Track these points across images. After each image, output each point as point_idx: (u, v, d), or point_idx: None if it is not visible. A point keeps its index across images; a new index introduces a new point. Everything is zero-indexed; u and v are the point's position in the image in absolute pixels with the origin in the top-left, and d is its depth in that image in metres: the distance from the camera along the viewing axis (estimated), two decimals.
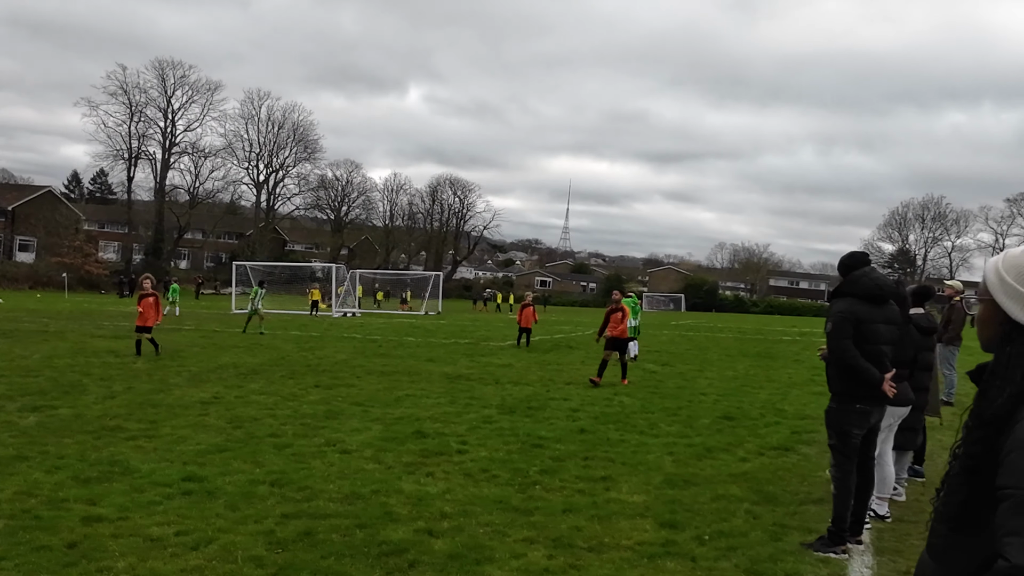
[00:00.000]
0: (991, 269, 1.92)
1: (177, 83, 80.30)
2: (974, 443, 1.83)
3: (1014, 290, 1.84)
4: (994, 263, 1.93)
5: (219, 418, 9.76)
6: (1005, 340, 1.85)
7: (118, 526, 5.57)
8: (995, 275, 1.90)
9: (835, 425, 5.79)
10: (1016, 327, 1.83)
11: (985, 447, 1.79)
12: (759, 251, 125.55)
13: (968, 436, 1.87)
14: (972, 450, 1.83)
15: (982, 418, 1.82)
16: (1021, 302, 1.82)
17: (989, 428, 1.79)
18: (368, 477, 7.16)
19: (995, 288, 1.88)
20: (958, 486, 1.86)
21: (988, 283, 1.90)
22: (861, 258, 5.87)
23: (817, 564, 5.44)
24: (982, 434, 1.81)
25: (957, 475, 1.86)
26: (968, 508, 1.82)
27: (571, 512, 6.34)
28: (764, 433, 10.16)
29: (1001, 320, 1.87)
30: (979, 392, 1.89)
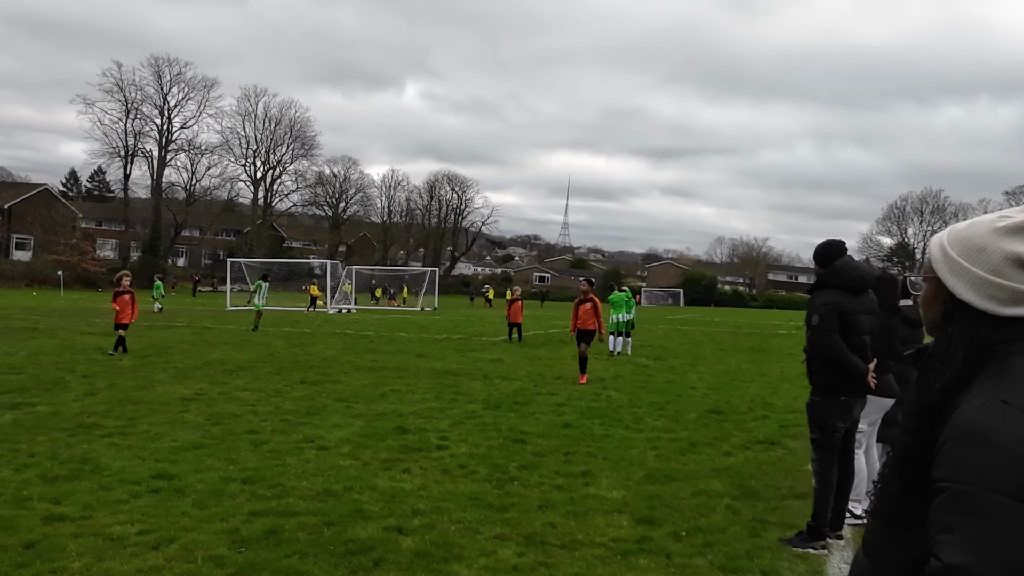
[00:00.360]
0: (935, 245, 1.77)
1: (173, 80, 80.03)
2: (909, 431, 1.69)
3: (958, 266, 1.68)
4: (938, 239, 1.78)
5: (198, 415, 9.63)
6: (947, 320, 1.71)
7: (80, 525, 5.44)
8: (939, 251, 1.75)
9: (818, 419, 5.66)
10: (959, 305, 1.68)
11: (920, 435, 1.65)
12: (758, 245, 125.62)
13: (904, 424, 1.73)
14: (907, 439, 1.69)
15: (919, 404, 1.68)
16: (965, 278, 1.67)
17: (926, 415, 1.65)
18: (343, 474, 7.03)
19: (939, 264, 1.73)
20: (892, 478, 1.72)
21: (932, 260, 1.75)
22: (839, 247, 5.73)
23: (795, 560, 5.31)
24: (918, 421, 1.67)
25: (892, 466, 1.72)
26: (903, 502, 1.68)
27: (547, 508, 6.22)
28: (751, 427, 10.03)
29: (944, 299, 1.73)
30: (918, 377, 1.75)
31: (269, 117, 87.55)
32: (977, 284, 1.65)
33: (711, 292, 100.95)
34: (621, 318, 20.01)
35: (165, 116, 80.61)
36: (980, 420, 1.52)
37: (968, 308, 1.65)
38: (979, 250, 1.66)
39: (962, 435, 1.53)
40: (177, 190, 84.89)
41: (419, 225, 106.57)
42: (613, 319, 20.08)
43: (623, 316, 19.95)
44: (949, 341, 1.67)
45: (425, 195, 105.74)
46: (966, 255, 1.67)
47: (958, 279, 1.68)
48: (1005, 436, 1.49)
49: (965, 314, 1.65)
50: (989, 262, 1.65)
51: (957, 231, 1.74)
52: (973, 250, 1.66)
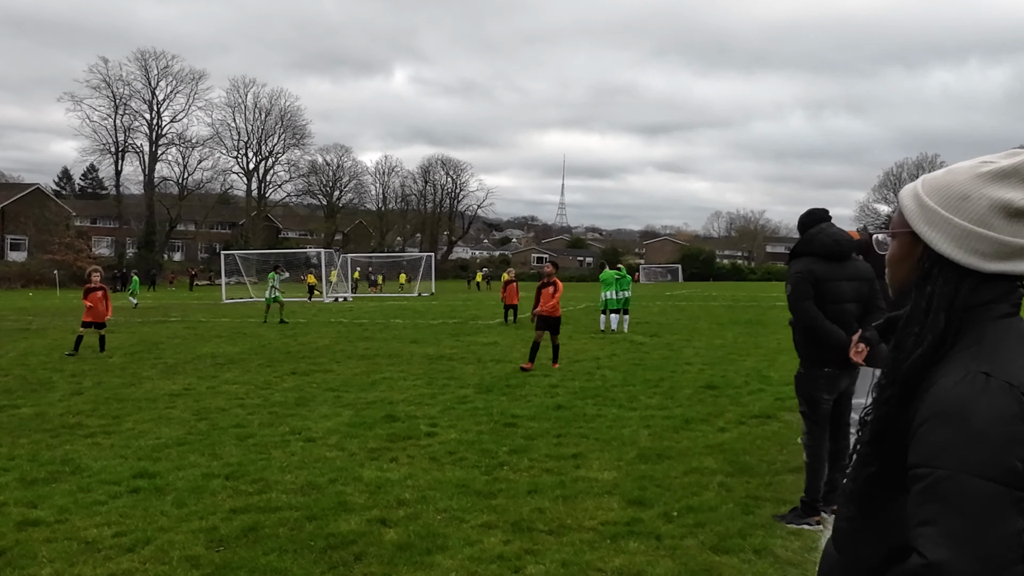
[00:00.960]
0: (908, 196, 1.58)
1: (160, 74, 79.53)
2: (883, 404, 1.51)
3: (937, 216, 1.49)
4: (911, 188, 1.59)
5: (185, 410, 9.49)
6: (924, 279, 1.52)
7: (54, 529, 5.30)
8: (913, 201, 1.55)
9: (804, 392, 5.52)
10: (937, 262, 1.49)
11: (895, 410, 1.48)
12: (755, 218, 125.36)
13: (878, 397, 1.55)
14: (881, 413, 1.51)
15: (895, 375, 1.51)
16: (945, 230, 1.47)
17: (903, 387, 1.48)
18: (328, 466, 6.89)
19: (914, 216, 1.54)
20: (866, 458, 1.54)
21: (905, 212, 1.56)
22: (820, 215, 5.55)
23: (788, 537, 5.17)
24: (893, 394, 1.50)
25: (866, 445, 1.54)
26: (877, 485, 1.51)
27: (536, 493, 6.08)
28: (747, 402, 9.90)
29: (920, 255, 1.54)
30: (893, 345, 1.57)
31: (259, 108, 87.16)
32: (959, 236, 1.47)
33: (710, 267, 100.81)
34: (611, 295, 19.78)
35: (154, 110, 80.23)
36: (959, 397, 1.36)
37: (948, 264, 1.47)
38: (961, 198, 1.48)
39: (939, 415, 1.36)
40: (170, 185, 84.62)
41: (415, 211, 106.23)
42: (603, 297, 19.94)
43: (612, 294, 19.73)
44: (928, 302, 1.49)
45: (420, 180, 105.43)
46: (946, 204, 1.48)
47: (937, 231, 1.49)
48: (987, 413, 1.32)
49: (945, 271, 1.48)
50: (973, 211, 1.46)
51: (934, 179, 1.55)
52: (954, 199, 1.48)
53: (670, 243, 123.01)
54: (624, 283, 19.99)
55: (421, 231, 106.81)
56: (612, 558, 4.78)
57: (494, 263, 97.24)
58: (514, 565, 4.67)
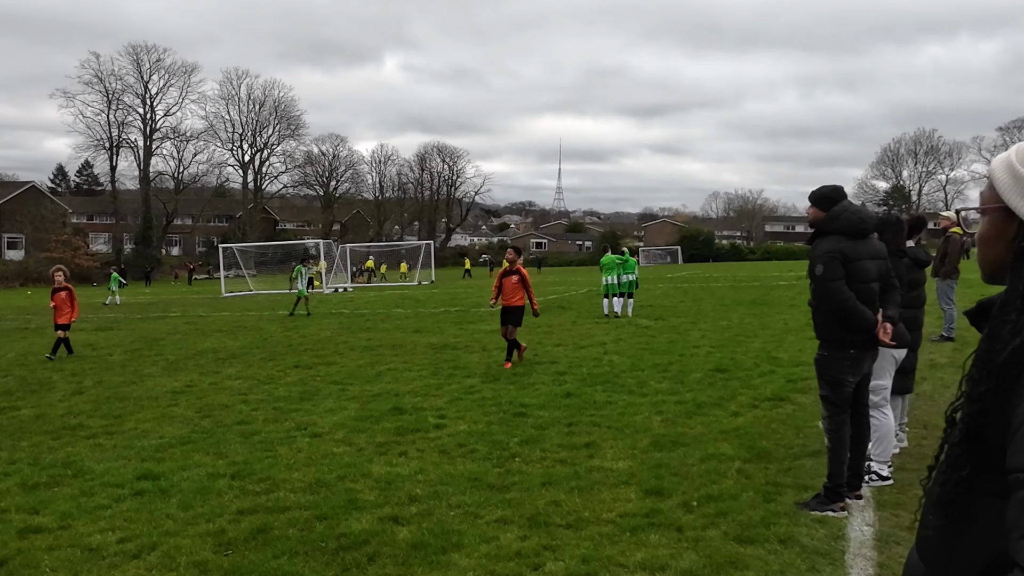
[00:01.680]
0: (1001, 167, 1.40)
1: (153, 68, 79.10)
2: (977, 400, 1.34)
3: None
4: (1005, 158, 1.42)
5: (188, 408, 9.33)
6: (1022, 259, 1.36)
7: (57, 536, 5.15)
8: (1007, 172, 1.38)
9: (826, 374, 5.35)
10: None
11: (991, 406, 1.31)
12: (753, 198, 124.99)
13: (971, 392, 1.37)
14: (974, 409, 1.34)
15: (990, 367, 1.33)
16: None
17: (1000, 380, 1.31)
18: (336, 462, 6.73)
19: (1007, 189, 1.37)
20: (958, 459, 1.37)
21: (998, 184, 1.39)
22: (841, 190, 5.38)
23: (813, 525, 5.02)
24: (988, 388, 1.33)
25: (957, 445, 1.37)
26: (971, 490, 1.34)
27: (550, 485, 5.93)
28: (758, 384, 9.74)
29: (1015, 233, 1.37)
30: (986, 334, 1.40)
31: (253, 99, 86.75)
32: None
33: (709, 247, 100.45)
34: (611, 280, 19.61)
35: (147, 104, 79.85)
36: None
37: None
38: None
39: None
40: (166, 179, 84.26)
41: (412, 199, 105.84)
42: (604, 281, 19.82)
43: (613, 279, 19.56)
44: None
45: (416, 168, 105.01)
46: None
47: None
48: None
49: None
50: None
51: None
52: None
53: (669, 225, 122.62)
54: (628, 266, 19.74)
55: (419, 219, 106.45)
56: (633, 552, 4.63)
57: (493, 249, 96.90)
58: (533, 562, 4.52)
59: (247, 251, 53.90)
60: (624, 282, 19.68)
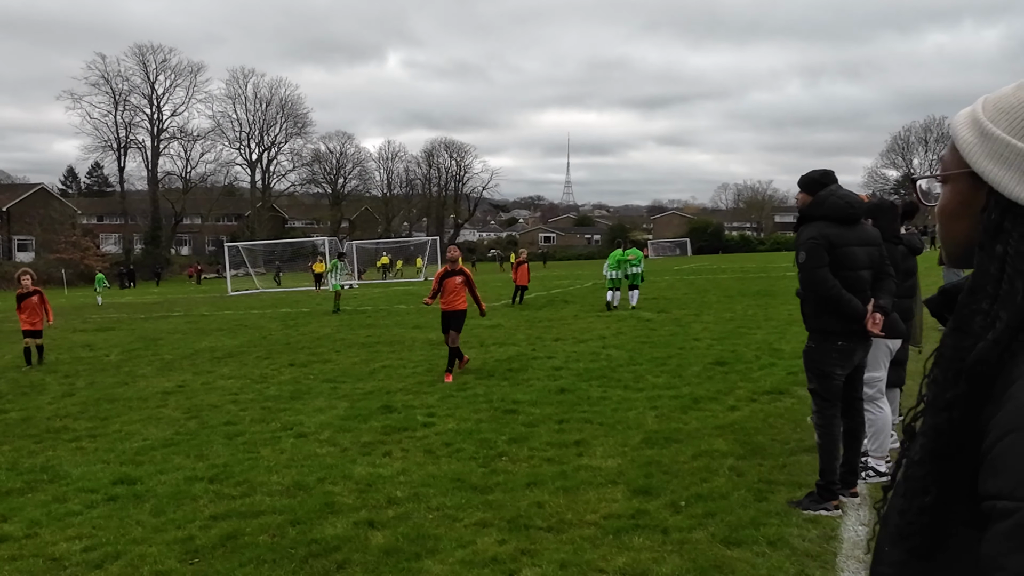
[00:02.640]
0: (964, 123, 1.13)
1: (159, 68, 79.10)
2: (944, 408, 1.07)
3: (1007, 147, 1.05)
4: (968, 113, 1.12)
5: (176, 409, 9.17)
6: (993, 235, 1.06)
7: (22, 545, 4.99)
8: (972, 130, 1.11)
9: (815, 367, 5.14)
10: (1011, 210, 1.05)
11: (961, 417, 1.06)
12: (762, 188, 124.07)
13: (935, 399, 1.10)
14: (940, 420, 1.07)
15: (958, 367, 1.06)
16: (1019, 166, 1.04)
17: (971, 383, 1.06)
18: (318, 463, 6.55)
19: (973, 151, 1.09)
20: (922, 482, 1.08)
21: (961, 145, 1.11)
22: (830, 174, 5.15)
23: (805, 525, 4.80)
24: (958, 395, 1.05)
25: (919, 464, 1.09)
26: (936, 519, 1.09)
27: (535, 486, 5.73)
28: (757, 377, 9.51)
29: (984, 204, 1.12)
30: (951, 327, 1.11)
31: (259, 98, 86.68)
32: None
33: (718, 239, 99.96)
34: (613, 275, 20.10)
35: (154, 105, 79.86)
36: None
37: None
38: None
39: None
40: (174, 179, 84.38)
41: (420, 195, 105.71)
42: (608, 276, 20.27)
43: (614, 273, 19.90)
44: (1000, 266, 1.05)
45: (424, 164, 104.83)
46: (1020, 130, 1.05)
47: (1008, 168, 1.05)
48: None
49: (1022, 223, 1.04)
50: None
51: (1000, 98, 1.10)
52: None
53: (678, 217, 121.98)
54: (635, 261, 20.34)
55: (427, 215, 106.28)
56: (615, 556, 4.43)
57: (502, 244, 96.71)
58: (508, 568, 4.33)
59: (254, 249, 53.84)
60: (632, 275, 20.18)
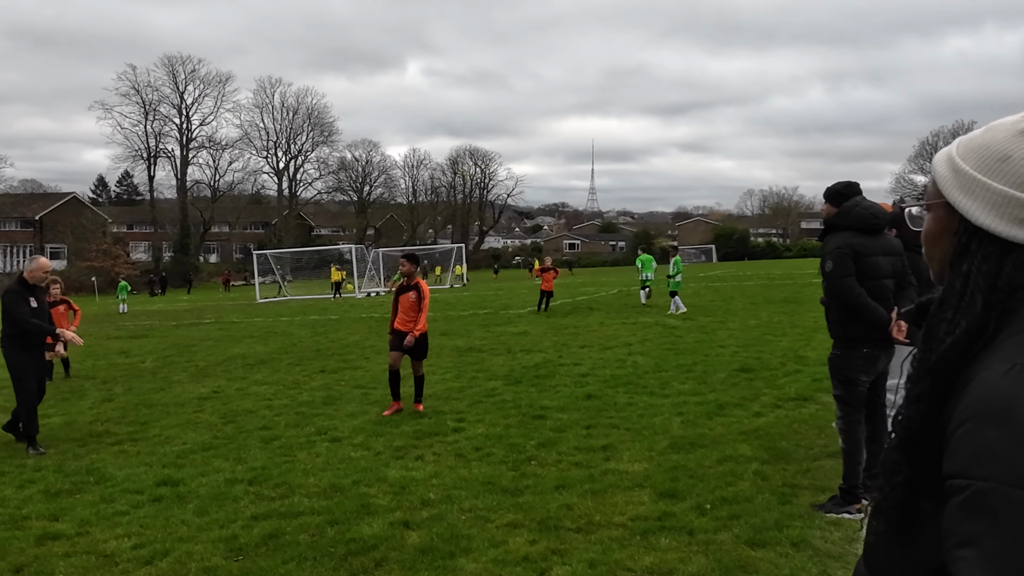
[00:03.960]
0: (941, 160, 1.34)
1: (188, 78, 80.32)
2: (914, 402, 1.28)
3: (973, 182, 1.26)
4: (945, 152, 1.36)
5: (213, 414, 9.43)
6: (961, 255, 1.28)
7: (74, 543, 5.22)
8: (947, 166, 1.32)
9: (840, 373, 5.27)
10: (975, 235, 1.25)
11: (928, 408, 1.26)
12: (788, 195, 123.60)
13: (909, 394, 1.31)
14: (912, 412, 1.28)
15: (925, 366, 1.28)
16: (983, 198, 1.24)
17: (935, 380, 1.25)
18: (353, 466, 6.76)
19: (947, 184, 1.30)
20: (895, 465, 1.31)
21: (939, 179, 1.32)
22: (854, 185, 5.30)
23: (828, 528, 4.93)
24: (925, 388, 1.27)
25: (894, 450, 1.31)
26: (910, 496, 1.29)
27: (564, 488, 5.89)
28: (782, 384, 9.61)
29: (956, 229, 1.31)
30: (923, 334, 1.34)
31: (286, 107, 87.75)
32: (1000, 204, 1.23)
33: (744, 246, 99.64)
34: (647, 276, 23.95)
35: (183, 115, 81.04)
36: (1002, 393, 1.13)
37: (988, 238, 1.24)
38: (1001, 159, 1.24)
39: (981, 415, 1.14)
40: (202, 187, 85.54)
41: (445, 202, 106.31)
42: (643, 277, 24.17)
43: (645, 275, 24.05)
44: (964, 282, 1.26)
45: (449, 172, 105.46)
46: (984, 167, 1.25)
47: (974, 199, 1.25)
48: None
49: (984, 246, 1.24)
50: (1016, 173, 1.22)
51: (970, 139, 1.31)
52: (993, 160, 1.25)
53: (703, 223, 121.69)
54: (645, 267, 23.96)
55: (452, 222, 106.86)
56: (642, 556, 4.59)
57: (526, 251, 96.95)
58: (539, 567, 4.50)
59: (282, 257, 54.49)
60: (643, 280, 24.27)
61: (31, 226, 74.94)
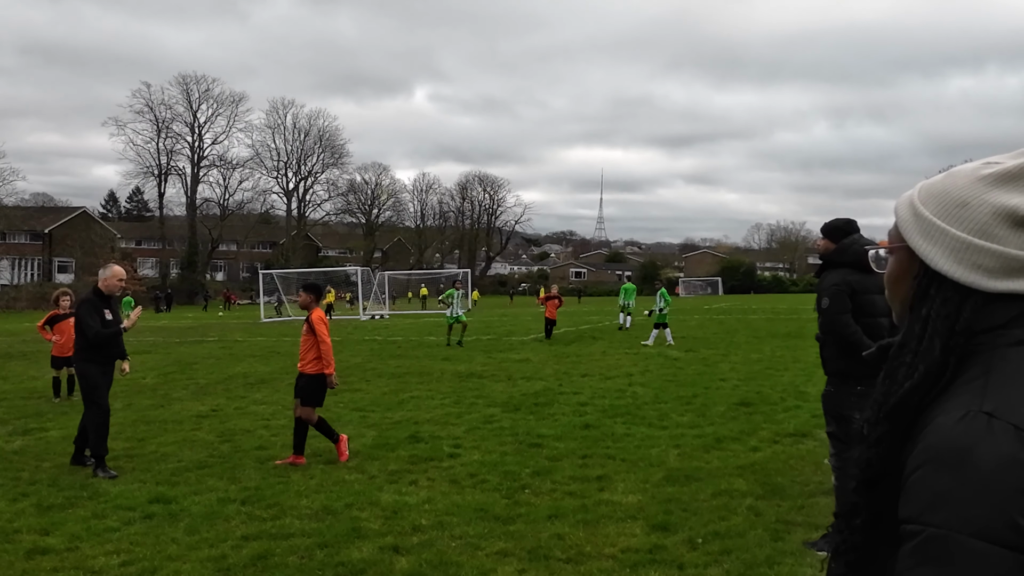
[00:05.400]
0: (903, 205, 1.36)
1: (202, 97, 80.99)
2: (873, 444, 1.29)
3: (932, 227, 1.27)
4: (907, 197, 1.37)
5: (210, 432, 9.43)
6: (920, 299, 1.30)
7: (63, 558, 5.21)
8: (908, 210, 1.33)
9: (833, 410, 5.27)
10: (935, 280, 1.26)
11: (887, 451, 1.26)
12: (795, 229, 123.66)
13: (867, 436, 1.33)
14: (870, 454, 1.29)
15: (884, 409, 1.29)
16: (942, 243, 1.25)
17: (893, 423, 1.26)
18: (346, 489, 6.75)
19: (908, 228, 1.32)
20: (854, 508, 1.32)
21: (900, 223, 1.34)
22: (852, 223, 5.34)
23: (819, 566, 4.89)
24: (883, 431, 1.28)
25: (853, 491, 1.32)
26: (869, 538, 1.29)
27: (556, 518, 5.87)
28: (781, 419, 9.58)
29: (916, 273, 1.32)
30: (883, 376, 1.35)
31: (298, 128, 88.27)
32: (959, 250, 1.24)
33: (750, 279, 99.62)
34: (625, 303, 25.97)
35: (196, 133, 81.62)
36: (958, 440, 1.14)
37: (947, 283, 1.24)
38: (960, 205, 1.26)
39: (933, 461, 1.14)
40: (211, 206, 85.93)
41: (452, 227, 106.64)
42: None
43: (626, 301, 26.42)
44: (923, 326, 1.26)
45: (457, 197, 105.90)
46: (943, 213, 1.26)
47: (934, 244, 1.27)
48: (990, 461, 1.10)
49: (943, 290, 1.25)
50: (973, 220, 1.24)
51: (931, 185, 1.33)
52: (952, 206, 1.26)
53: (710, 255, 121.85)
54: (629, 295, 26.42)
55: (459, 247, 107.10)
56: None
57: (533, 278, 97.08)
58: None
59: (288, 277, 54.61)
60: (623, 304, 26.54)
61: (40, 239, 75.31)
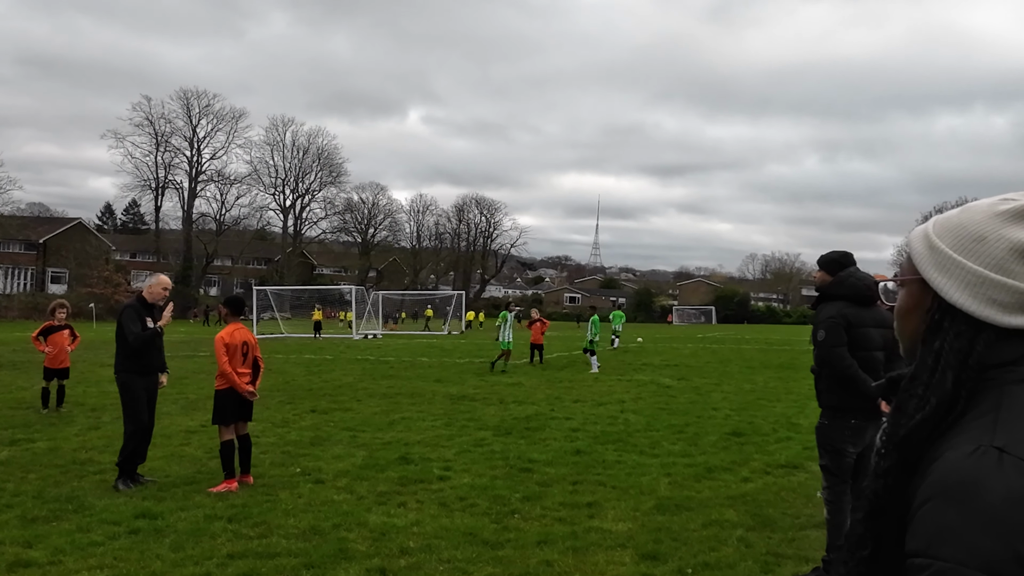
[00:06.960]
0: (918, 238, 1.36)
1: (202, 112, 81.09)
2: (881, 476, 1.28)
3: (949, 261, 1.28)
4: (922, 230, 1.38)
5: (198, 448, 9.37)
6: (933, 332, 1.30)
7: (45, 572, 5.16)
8: (923, 244, 1.34)
9: (827, 443, 5.25)
10: (948, 313, 1.27)
11: (895, 483, 1.26)
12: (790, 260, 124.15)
13: (876, 467, 1.32)
14: (878, 486, 1.29)
15: (893, 440, 1.28)
16: (958, 277, 1.27)
17: (902, 455, 1.26)
18: (334, 509, 6.69)
19: (923, 261, 1.33)
20: (860, 539, 1.31)
21: (915, 256, 1.35)
22: (849, 255, 5.36)
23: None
24: (892, 463, 1.27)
25: (860, 523, 1.31)
26: (873, 571, 1.28)
27: (545, 544, 5.83)
28: (773, 450, 9.55)
29: (929, 306, 1.33)
30: (893, 408, 1.35)
31: (297, 146, 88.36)
32: (974, 284, 1.25)
33: (744, 309, 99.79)
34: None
35: (195, 148, 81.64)
36: (967, 474, 1.13)
37: (961, 316, 1.26)
38: (977, 240, 1.27)
39: (943, 494, 1.14)
40: (208, 220, 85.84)
41: (448, 249, 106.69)
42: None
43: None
44: (936, 359, 1.27)
45: (454, 219, 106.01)
46: (959, 247, 1.28)
47: (949, 278, 1.28)
48: (1000, 495, 1.10)
49: (957, 324, 1.26)
50: (990, 255, 1.25)
51: (947, 219, 1.34)
52: (969, 240, 1.27)
53: (704, 284, 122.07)
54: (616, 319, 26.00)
55: (454, 269, 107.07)
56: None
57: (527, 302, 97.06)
58: None
59: (282, 294, 54.49)
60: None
61: (34, 249, 75.14)
